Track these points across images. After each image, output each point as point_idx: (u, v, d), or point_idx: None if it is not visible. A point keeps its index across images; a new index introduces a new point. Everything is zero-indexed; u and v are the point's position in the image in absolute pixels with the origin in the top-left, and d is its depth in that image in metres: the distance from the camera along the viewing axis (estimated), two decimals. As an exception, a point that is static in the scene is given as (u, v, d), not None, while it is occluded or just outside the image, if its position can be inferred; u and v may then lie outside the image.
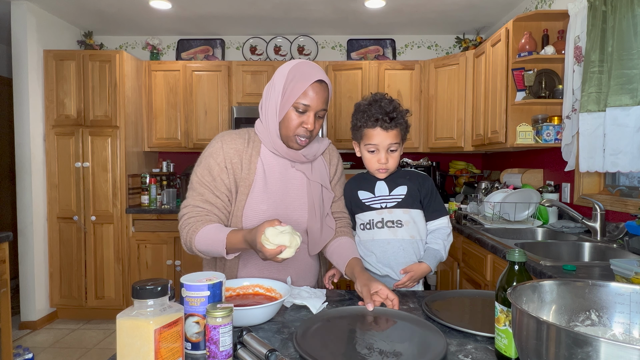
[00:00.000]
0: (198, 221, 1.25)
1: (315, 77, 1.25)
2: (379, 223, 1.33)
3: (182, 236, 1.28)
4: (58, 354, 2.96)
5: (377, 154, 1.32)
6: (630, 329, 0.74)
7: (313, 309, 1.09)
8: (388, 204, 1.34)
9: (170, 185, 3.89)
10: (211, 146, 1.33)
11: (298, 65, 1.28)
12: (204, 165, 1.32)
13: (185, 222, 1.28)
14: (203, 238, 1.21)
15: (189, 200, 1.31)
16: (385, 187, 1.36)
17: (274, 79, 1.31)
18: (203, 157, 1.33)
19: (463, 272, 2.57)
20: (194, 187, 1.32)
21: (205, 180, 1.30)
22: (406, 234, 1.32)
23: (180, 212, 1.31)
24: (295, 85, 1.25)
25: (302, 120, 1.27)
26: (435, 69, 3.65)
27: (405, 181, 1.36)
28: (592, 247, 1.94)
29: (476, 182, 3.71)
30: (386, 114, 1.28)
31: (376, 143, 1.30)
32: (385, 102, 1.31)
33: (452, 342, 0.91)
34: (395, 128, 1.29)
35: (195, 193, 1.31)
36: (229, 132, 1.37)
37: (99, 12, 3.55)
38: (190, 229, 1.24)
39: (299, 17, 3.66)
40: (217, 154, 1.31)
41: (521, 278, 0.81)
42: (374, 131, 1.30)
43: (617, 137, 1.94)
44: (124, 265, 3.53)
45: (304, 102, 1.24)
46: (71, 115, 3.49)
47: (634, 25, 1.87)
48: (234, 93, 3.77)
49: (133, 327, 0.70)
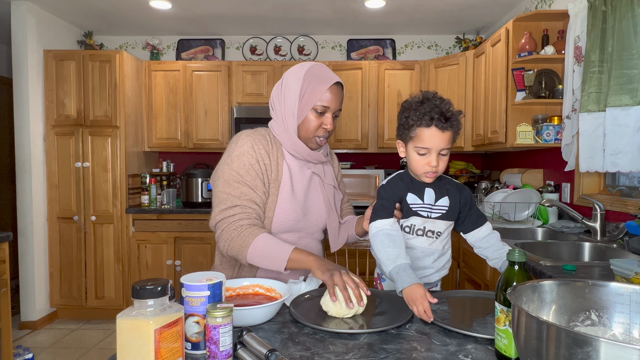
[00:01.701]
0: (251, 225, 1.23)
1: (333, 80, 1.31)
2: (420, 230, 1.30)
3: (228, 238, 1.23)
4: (58, 354, 2.96)
5: (428, 157, 1.21)
6: (630, 329, 0.74)
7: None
8: (432, 214, 1.29)
9: (170, 185, 3.89)
10: (240, 145, 1.31)
11: (312, 68, 1.32)
12: (240, 164, 1.29)
13: (236, 224, 1.23)
14: (260, 249, 1.19)
15: (232, 200, 1.26)
16: (432, 196, 1.29)
17: (288, 83, 1.32)
18: (234, 155, 1.30)
19: (463, 272, 2.57)
20: (229, 184, 1.27)
21: (246, 178, 1.28)
22: (440, 245, 1.31)
23: (225, 212, 1.25)
24: (314, 88, 1.29)
25: (321, 121, 1.32)
26: (435, 69, 3.65)
27: (448, 192, 1.30)
28: (592, 247, 1.94)
29: (476, 182, 3.71)
30: (442, 114, 1.17)
31: (429, 146, 1.19)
32: (438, 100, 1.21)
33: (452, 342, 0.91)
34: (450, 129, 1.19)
35: (237, 192, 1.27)
36: (253, 132, 1.36)
37: (99, 12, 3.55)
38: (243, 233, 1.21)
39: (299, 17, 3.66)
40: (250, 153, 1.30)
41: (521, 278, 0.81)
42: (429, 131, 1.18)
43: (617, 137, 1.94)
44: (124, 265, 3.53)
45: (323, 104, 1.30)
46: (71, 115, 3.49)
47: (634, 25, 1.87)
48: (234, 93, 3.77)
49: (133, 327, 0.70)
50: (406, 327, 0.99)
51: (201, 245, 3.53)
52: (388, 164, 4.06)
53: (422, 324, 1.01)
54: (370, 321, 1.02)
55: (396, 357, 0.84)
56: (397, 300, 1.15)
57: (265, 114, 3.64)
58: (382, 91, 3.72)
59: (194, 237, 3.52)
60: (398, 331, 0.97)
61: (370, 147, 3.75)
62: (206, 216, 3.50)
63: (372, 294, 1.20)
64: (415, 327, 0.99)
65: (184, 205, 3.66)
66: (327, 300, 1.05)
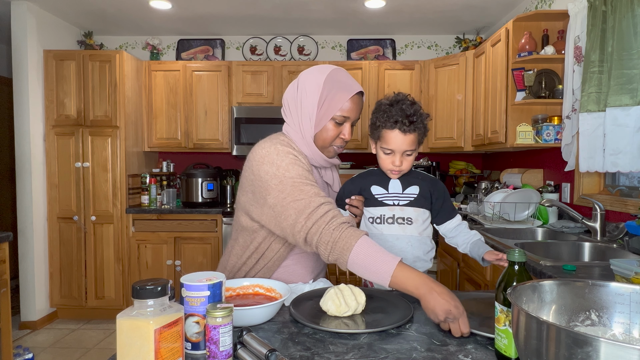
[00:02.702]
0: (350, 224, 1.09)
1: (355, 89, 1.25)
2: (390, 219, 1.34)
3: (330, 241, 1.06)
4: (58, 354, 2.96)
5: (392, 156, 1.29)
6: (630, 329, 0.74)
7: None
8: (400, 202, 1.35)
9: (170, 185, 3.89)
10: (284, 154, 1.19)
11: (333, 74, 1.25)
12: (297, 171, 1.16)
13: (334, 222, 1.08)
14: (361, 260, 1.02)
15: (314, 200, 1.10)
16: (399, 185, 1.37)
17: (306, 87, 1.24)
18: (283, 165, 1.16)
19: (463, 272, 2.57)
20: (302, 190, 1.12)
21: (310, 179, 1.17)
22: (415, 231, 1.34)
23: (314, 215, 1.09)
24: (335, 97, 1.22)
25: (339, 130, 1.27)
26: (435, 69, 3.65)
27: (418, 182, 1.37)
28: (592, 247, 1.94)
29: (476, 182, 3.71)
30: (406, 117, 1.23)
31: (392, 147, 1.27)
32: (407, 104, 1.26)
33: (452, 342, 0.91)
34: (413, 132, 1.26)
35: (311, 192, 1.13)
36: (279, 141, 1.23)
37: (99, 12, 3.55)
38: (345, 233, 1.06)
39: (299, 17, 3.66)
40: (296, 159, 1.20)
41: (521, 278, 0.81)
42: (392, 133, 1.25)
43: (617, 137, 1.94)
44: (124, 265, 3.53)
45: (343, 115, 1.24)
46: (71, 115, 3.49)
47: (634, 25, 1.87)
48: (234, 93, 3.77)
49: (133, 327, 0.70)
50: (406, 327, 0.99)
51: (201, 245, 3.53)
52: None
53: (423, 325, 1.01)
54: (370, 321, 1.02)
55: (396, 357, 0.84)
56: (397, 300, 1.15)
57: (265, 114, 3.64)
58: (382, 91, 3.72)
59: (194, 237, 3.52)
60: (398, 331, 0.97)
61: (370, 147, 3.74)
62: (206, 216, 3.50)
63: (372, 294, 1.20)
64: (415, 327, 0.99)
65: (184, 205, 3.66)
66: (327, 300, 1.05)
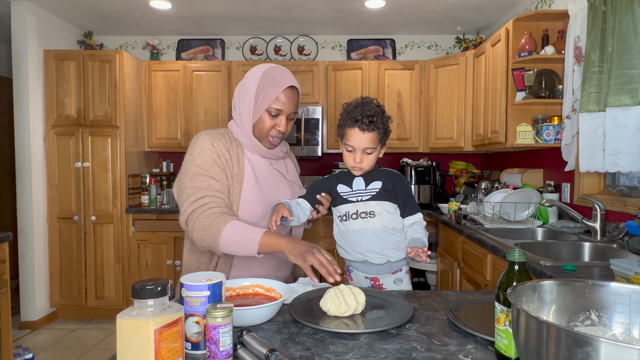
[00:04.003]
0: (223, 213, 1.25)
1: (287, 84, 1.34)
2: (354, 215, 1.40)
3: (201, 227, 1.24)
4: (58, 354, 2.96)
5: (354, 154, 1.37)
6: (630, 329, 0.74)
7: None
8: (363, 197, 1.40)
9: (170, 185, 3.89)
10: (200, 144, 1.34)
11: (269, 70, 1.35)
12: (203, 160, 1.32)
13: (207, 212, 1.24)
14: (231, 235, 1.21)
15: (201, 192, 1.27)
16: (362, 182, 1.42)
17: (247, 82, 1.36)
18: (194, 153, 1.33)
19: (463, 272, 2.57)
20: (195, 178, 1.29)
21: (210, 172, 1.30)
22: (378, 223, 1.38)
23: (195, 203, 1.26)
24: (268, 90, 1.32)
25: (275, 122, 1.36)
26: (435, 69, 3.65)
27: (381, 177, 1.42)
28: (592, 247, 1.94)
29: (476, 182, 3.71)
30: (366, 117, 1.32)
31: (353, 145, 1.35)
32: (369, 106, 1.35)
33: (452, 342, 0.91)
34: (372, 131, 1.33)
35: (204, 184, 1.29)
36: (211, 131, 1.40)
37: (99, 12, 3.55)
38: (216, 221, 1.22)
39: (299, 17, 3.66)
40: (210, 149, 1.33)
41: (521, 278, 0.81)
42: (352, 131, 1.34)
43: (617, 137, 1.94)
44: (124, 265, 3.53)
45: (276, 107, 1.34)
46: (71, 115, 3.49)
47: (634, 25, 1.87)
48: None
49: (133, 327, 0.70)
50: (406, 327, 0.99)
51: (201, 245, 3.53)
52: (388, 163, 4.06)
53: (423, 325, 1.01)
54: (370, 321, 1.02)
55: (396, 357, 0.84)
56: (397, 300, 1.15)
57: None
58: (382, 91, 3.72)
59: (194, 237, 3.51)
60: (398, 331, 0.97)
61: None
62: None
63: (372, 294, 1.21)
64: (415, 327, 0.99)
65: (184, 205, 3.66)
66: (326, 300, 1.05)
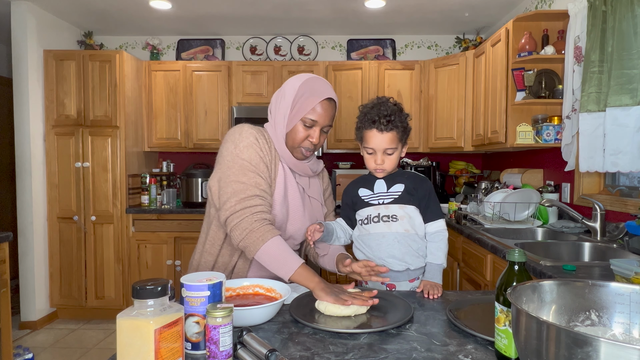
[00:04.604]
0: (270, 222, 1.23)
1: (324, 95, 1.31)
2: (375, 218, 1.37)
3: (246, 229, 1.20)
4: (58, 354, 2.96)
5: (374, 156, 1.36)
6: (630, 329, 0.74)
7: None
8: (385, 200, 1.38)
9: (170, 185, 3.89)
10: (246, 137, 1.30)
11: (309, 80, 1.33)
12: (250, 154, 1.28)
13: (257, 216, 1.21)
14: (273, 250, 1.19)
15: (251, 189, 1.24)
16: (384, 185, 1.40)
17: (285, 90, 1.34)
18: (242, 146, 1.28)
19: (463, 272, 2.57)
20: (243, 174, 1.25)
21: (258, 168, 1.28)
22: (400, 227, 1.36)
23: (245, 202, 1.23)
24: (306, 100, 1.30)
25: (308, 133, 1.33)
26: (435, 69, 3.65)
27: (404, 180, 1.39)
28: (592, 247, 1.94)
29: (476, 182, 3.71)
30: (383, 117, 1.31)
31: (373, 147, 1.34)
32: (386, 105, 1.33)
33: (452, 342, 0.91)
34: (391, 131, 1.31)
35: (252, 181, 1.26)
36: (252, 126, 1.35)
37: (99, 12, 3.55)
38: (263, 228, 1.20)
39: (299, 17, 3.66)
40: (256, 144, 1.30)
41: (521, 278, 0.81)
42: (371, 133, 1.33)
43: (617, 137, 1.94)
44: (124, 265, 3.53)
45: (311, 118, 1.31)
46: (71, 115, 3.49)
47: (634, 25, 1.87)
48: (234, 93, 3.77)
49: (133, 327, 0.70)
50: (406, 327, 0.99)
51: (201, 245, 3.52)
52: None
53: (423, 325, 1.01)
54: (370, 321, 1.02)
55: (396, 357, 0.84)
56: (397, 300, 1.15)
57: (265, 114, 3.61)
58: (382, 91, 3.71)
59: (194, 237, 3.51)
60: (398, 331, 0.97)
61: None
62: (206, 216, 3.49)
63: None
64: (415, 327, 0.99)
65: (184, 205, 3.66)
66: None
